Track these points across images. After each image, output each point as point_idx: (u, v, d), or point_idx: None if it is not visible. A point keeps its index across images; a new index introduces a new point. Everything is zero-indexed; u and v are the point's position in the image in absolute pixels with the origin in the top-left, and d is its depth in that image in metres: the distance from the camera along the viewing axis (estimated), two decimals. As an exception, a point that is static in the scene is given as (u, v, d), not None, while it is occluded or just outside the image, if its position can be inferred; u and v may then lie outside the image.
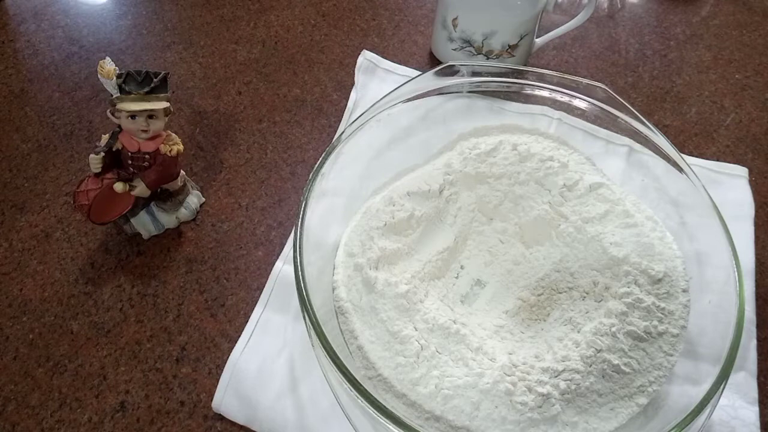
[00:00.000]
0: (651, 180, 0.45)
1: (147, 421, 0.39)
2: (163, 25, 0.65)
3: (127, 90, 0.41)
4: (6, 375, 0.41)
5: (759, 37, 0.67)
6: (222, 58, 0.62)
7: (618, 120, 0.45)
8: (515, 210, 0.45)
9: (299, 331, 0.42)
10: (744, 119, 0.59)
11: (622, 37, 0.67)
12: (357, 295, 0.39)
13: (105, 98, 0.57)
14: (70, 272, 0.46)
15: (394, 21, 0.67)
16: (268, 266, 0.46)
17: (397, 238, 0.42)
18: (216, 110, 0.57)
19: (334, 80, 0.60)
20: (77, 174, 0.52)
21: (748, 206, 0.50)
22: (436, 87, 0.47)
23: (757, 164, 0.55)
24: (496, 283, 0.44)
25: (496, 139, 0.47)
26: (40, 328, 0.43)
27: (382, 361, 0.36)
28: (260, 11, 0.67)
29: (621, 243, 0.40)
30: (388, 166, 0.47)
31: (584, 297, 0.40)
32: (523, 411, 0.34)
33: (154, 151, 0.44)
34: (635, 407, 0.35)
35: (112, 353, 0.42)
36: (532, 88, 0.47)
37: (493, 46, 0.57)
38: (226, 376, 0.40)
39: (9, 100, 0.57)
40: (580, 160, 0.46)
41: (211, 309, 0.44)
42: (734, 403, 0.40)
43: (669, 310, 0.37)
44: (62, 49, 0.62)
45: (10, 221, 0.49)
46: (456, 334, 0.37)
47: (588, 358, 0.35)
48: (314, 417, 0.39)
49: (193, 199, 0.49)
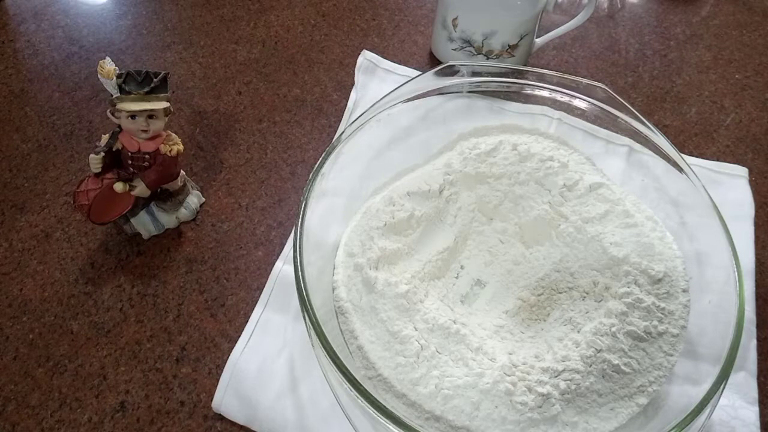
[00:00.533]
0: (651, 180, 0.45)
1: (147, 421, 0.39)
2: (163, 25, 0.65)
3: (127, 90, 0.41)
4: (6, 375, 0.41)
5: (759, 37, 0.67)
6: (222, 58, 0.62)
7: (618, 120, 0.45)
8: (515, 210, 0.45)
9: (299, 331, 0.42)
10: (744, 119, 0.59)
11: (622, 37, 0.67)
12: (357, 295, 0.39)
13: (105, 98, 0.57)
14: (70, 272, 0.46)
15: (394, 21, 0.67)
16: (268, 266, 0.46)
17: (397, 238, 0.42)
18: (216, 110, 0.57)
19: (334, 80, 0.60)
20: (77, 174, 0.52)
21: (748, 206, 0.50)
22: (436, 87, 0.47)
23: (757, 164, 0.55)
24: (496, 283, 0.44)
25: (496, 139, 0.47)
26: (40, 328, 0.43)
27: (382, 361, 0.36)
28: (260, 11, 0.67)
29: (621, 243, 0.40)
30: (388, 166, 0.47)
31: (584, 297, 0.40)
32: (523, 411, 0.34)
33: (154, 151, 0.44)
34: (635, 407, 0.35)
35: (112, 353, 0.42)
36: (532, 88, 0.47)
37: (493, 46, 0.57)
38: (226, 376, 0.40)
39: (9, 100, 0.57)
40: (580, 160, 0.46)
41: (211, 309, 0.44)
42: (734, 403, 0.40)
43: (669, 310, 0.37)
44: (62, 49, 0.62)
45: (10, 221, 0.49)
46: (456, 334, 0.37)
47: (588, 358, 0.35)
48: (314, 417, 0.39)
49: (193, 199, 0.49)
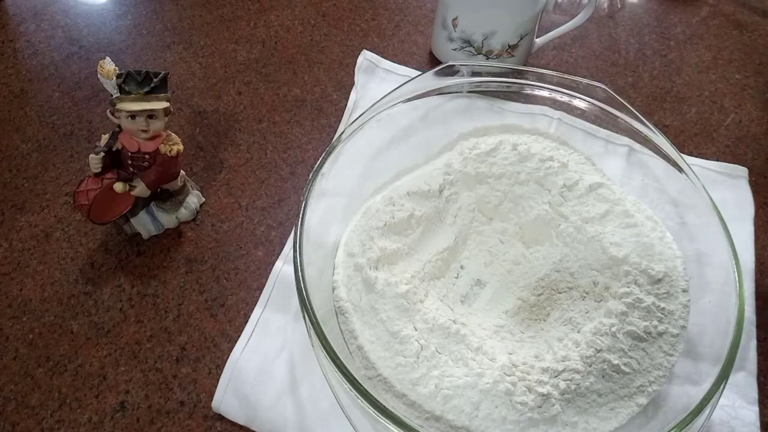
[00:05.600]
0: (651, 180, 0.45)
1: (147, 421, 0.39)
2: (163, 25, 0.65)
3: (127, 90, 0.41)
4: (6, 375, 0.41)
5: (759, 37, 0.67)
6: (222, 58, 0.62)
7: (618, 120, 0.45)
8: (515, 210, 0.45)
9: (299, 331, 0.42)
10: (744, 119, 0.59)
11: (622, 37, 0.67)
12: (357, 295, 0.39)
13: (105, 98, 0.57)
14: (70, 272, 0.46)
15: (394, 21, 0.67)
16: (268, 266, 0.46)
17: (397, 238, 0.42)
18: (216, 110, 0.57)
19: (334, 80, 0.60)
20: (77, 174, 0.52)
21: (748, 206, 0.50)
22: (436, 87, 0.47)
23: (757, 164, 0.55)
24: (496, 283, 0.44)
25: (496, 139, 0.47)
26: (40, 328, 0.43)
27: (382, 361, 0.36)
28: (260, 11, 0.67)
29: (621, 243, 0.40)
30: (388, 166, 0.47)
31: (584, 297, 0.40)
32: (523, 411, 0.34)
33: (154, 151, 0.44)
34: (635, 407, 0.35)
35: (112, 353, 0.42)
36: (532, 88, 0.47)
37: (493, 46, 0.57)
38: (226, 376, 0.40)
39: (9, 100, 0.57)
40: (580, 160, 0.46)
41: (211, 309, 0.44)
42: (734, 403, 0.40)
43: (669, 310, 0.37)
44: (62, 49, 0.62)
45: (10, 221, 0.49)
46: (456, 334, 0.37)
47: (588, 358, 0.35)
48: (314, 417, 0.39)
49: (193, 199, 0.49)
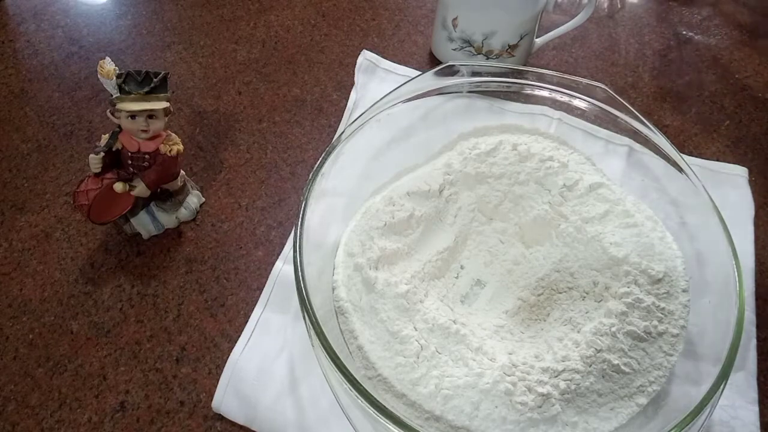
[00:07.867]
0: (651, 180, 0.45)
1: (147, 421, 0.39)
2: (163, 25, 0.65)
3: (127, 90, 0.41)
4: (6, 375, 0.41)
5: (759, 37, 0.67)
6: (222, 58, 0.62)
7: (618, 120, 0.45)
8: (515, 210, 0.45)
9: (299, 331, 0.42)
10: (744, 119, 0.59)
11: (622, 37, 0.67)
12: (357, 295, 0.39)
13: (105, 98, 0.57)
14: (70, 272, 0.46)
15: (394, 21, 0.67)
16: (268, 266, 0.46)
17: (397, 238, 0.42)
18: (216, 110, 0.57)
19: (334, 80, 0.60)
20: (77, 174, 0.52)
21: (748, 206, 0.50)
22: (436, 87, 0.47)
23: (757, 164, 0.55)
24: (496, 283, 0.44)
25: (496, 139, 0.47)
26: (40, 328, 0.43)
27: (382, 361, 0.36)
28: (260, 11, 0.67)
29: (621, 243, 0.40)
30: (388, 166, 0.47)
31: (584, 297, 0.40)
32: (523, 411, 0.34)
33: (154, 151, 0.44)
34: (635, 407, 0.35)
35: (112, 353, 0.42)
36: (532, 88, 0.47)
37: (493, 46, 0.57)
38: (226, 376, 0.40)
39: (9, 100, 0.57)
40: (580, 160, 0.46)
41: (211, 309, 0.44)
42: (734, 403, 0.40)
43: (669, 310, 0.37)
44: (62, 49, 0.62)
45: (10, 221, 0.49)
46: (456, 334, 0.37)
47: (588, 358, 0.35)
48: (314, 417, 0.39)
49: (193, 199, 0.49)
